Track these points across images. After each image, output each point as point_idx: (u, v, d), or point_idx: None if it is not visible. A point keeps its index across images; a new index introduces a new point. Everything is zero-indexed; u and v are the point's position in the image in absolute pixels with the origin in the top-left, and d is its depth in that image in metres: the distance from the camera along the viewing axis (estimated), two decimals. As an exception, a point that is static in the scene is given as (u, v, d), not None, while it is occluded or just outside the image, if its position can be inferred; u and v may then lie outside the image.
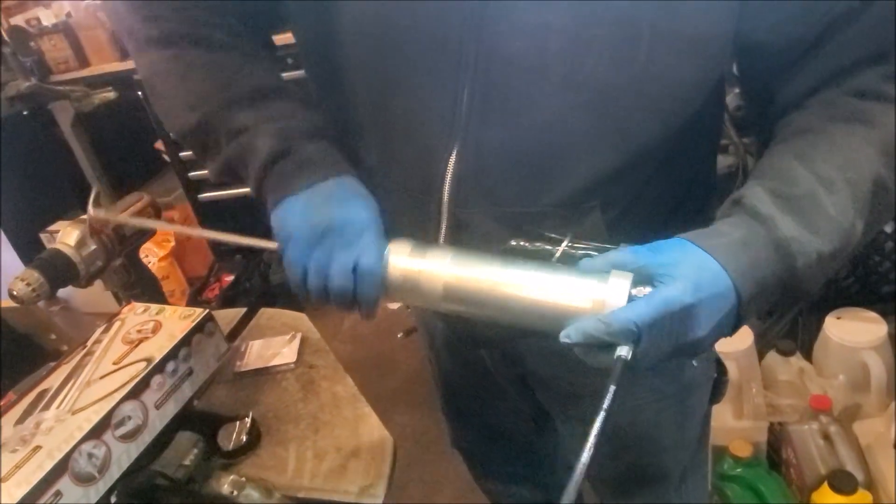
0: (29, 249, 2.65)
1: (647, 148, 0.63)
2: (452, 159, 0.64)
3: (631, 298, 0.53)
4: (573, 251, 0.61)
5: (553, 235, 0.63)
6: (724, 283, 0.53)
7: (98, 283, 1.05)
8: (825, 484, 1.31)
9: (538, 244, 0.63)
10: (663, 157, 0.66)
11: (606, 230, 0.66)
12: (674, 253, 0.55)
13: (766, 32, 0.60)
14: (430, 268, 0.61)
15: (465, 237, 0.68)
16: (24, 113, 2.55)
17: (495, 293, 0.58)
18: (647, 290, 0.54)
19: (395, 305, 2.50)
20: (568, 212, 0.65)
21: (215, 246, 2.83)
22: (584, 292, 0.55)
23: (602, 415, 0.49)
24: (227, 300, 2.45)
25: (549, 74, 0.58)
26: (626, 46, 0.56)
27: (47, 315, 1.60)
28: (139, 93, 2.53)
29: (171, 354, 0.85)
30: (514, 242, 0.64)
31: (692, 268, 0.53)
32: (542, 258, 0.62)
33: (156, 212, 1.03)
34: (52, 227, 2.69)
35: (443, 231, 0.68)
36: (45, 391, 0.82)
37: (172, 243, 2.73)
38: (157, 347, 0.85)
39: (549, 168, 0.64)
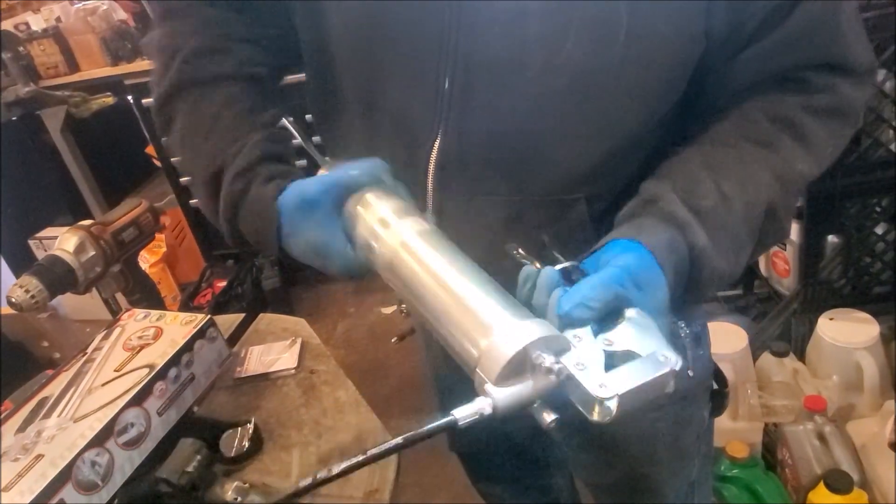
0: (17, 256, 2.63)
1: (632, 136, 0.63)
2: (436, 146, 0.65)
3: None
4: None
5: (556, 254, 0.57)
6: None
7: (86, 290, 1.04)
8: (821, 484, 1.32)
9: (532, 258, 0.57)
10: (651, 149, 0.66)
11: (593, 224, 0.66)
12: (646, 283, 0.52)
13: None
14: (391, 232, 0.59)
15: (450, 226, 0.67)
16: (14, 119, 2.52)
17: (424, 280, 0.55)
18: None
19: (388, 310, 2.50)
20: (552, 203, 0.65)
21: (207, 251, 2.82)
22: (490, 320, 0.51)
23: None
24: (220, 306, 2.43)
25: (527, 59, 0.58)
26: (605, 28, 0.56)
27: (39, 322, 1.58)
28: (129, 98, 2.53)
29: (174, 361, 0.84)
30: (510, 245, 0.60)
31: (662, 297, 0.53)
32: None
33: (154, 217, 1.03)
34: (42, 234, 2.68)
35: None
36: (45, 399, 0.81)
37: (164, 249, 2.71)
38: (159, 354, 0.84)
39: (530, 156, 0.64)
